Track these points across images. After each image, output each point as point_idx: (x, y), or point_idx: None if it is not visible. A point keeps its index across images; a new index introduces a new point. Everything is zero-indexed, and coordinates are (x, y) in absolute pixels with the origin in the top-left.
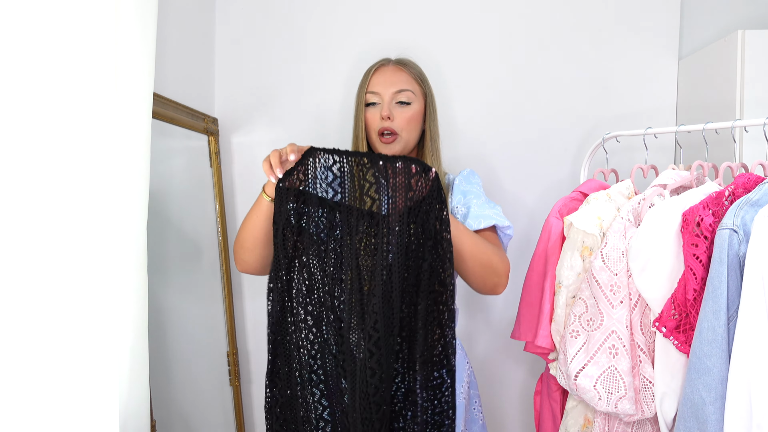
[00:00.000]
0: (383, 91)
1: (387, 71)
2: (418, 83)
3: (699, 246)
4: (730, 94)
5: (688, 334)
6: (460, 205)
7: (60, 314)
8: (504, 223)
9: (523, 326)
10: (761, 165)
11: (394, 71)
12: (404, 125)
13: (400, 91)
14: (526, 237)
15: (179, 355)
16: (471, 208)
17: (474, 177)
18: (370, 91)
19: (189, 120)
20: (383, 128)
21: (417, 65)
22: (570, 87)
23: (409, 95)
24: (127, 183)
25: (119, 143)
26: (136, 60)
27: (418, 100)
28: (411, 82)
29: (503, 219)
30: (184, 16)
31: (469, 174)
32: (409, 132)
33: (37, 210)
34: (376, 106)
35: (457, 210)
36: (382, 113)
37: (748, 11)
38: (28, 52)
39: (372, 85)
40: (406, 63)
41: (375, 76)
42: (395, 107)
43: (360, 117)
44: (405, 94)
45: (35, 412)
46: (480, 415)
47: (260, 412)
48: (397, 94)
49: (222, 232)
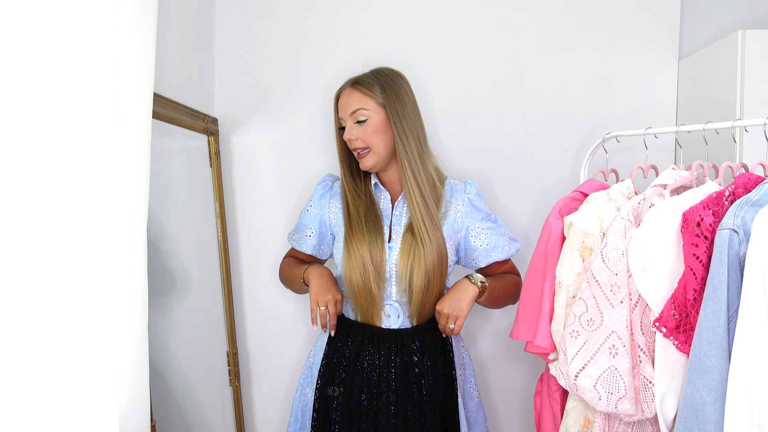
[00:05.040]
0: (344, 114)
1: (344, 95)
2: (371, 97)
3: (699, 246)
4: (730, 94)
5: (688, 334)
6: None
7: (59, 314)
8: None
9: (523, 326)
10: (761, 165)
11: (349, 94)
12: (368, 139)
13: (353, 111)
14: (526, 237)
15: (179, 355)
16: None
17: (481, 197)
18: (338, 116)
19: (189, 120)
20: (353, 148)
21: (377, 78)
22: (570, 87)
23: (362, 113)
24: (127, 183)
25: (119, 143)
26: (136, 60)
27: (376, 113)
28: (363, 99)
29: (513, 244)
30: (184, 16)
31: (476, 194)
32: (376, 144)
33: (37, 210)
34: (345, 128)
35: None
36: (345, 136)
37: (748, 11)
38: (28, 52)
39: (339, 110)
40: (359, 81)
41: (339, 102)
42: (355, 127)
43: (338, 140)
44: (359, 113)
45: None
46: (476, 393)
47: (260, 412)
48: (353, 115)
49: (222, 232)
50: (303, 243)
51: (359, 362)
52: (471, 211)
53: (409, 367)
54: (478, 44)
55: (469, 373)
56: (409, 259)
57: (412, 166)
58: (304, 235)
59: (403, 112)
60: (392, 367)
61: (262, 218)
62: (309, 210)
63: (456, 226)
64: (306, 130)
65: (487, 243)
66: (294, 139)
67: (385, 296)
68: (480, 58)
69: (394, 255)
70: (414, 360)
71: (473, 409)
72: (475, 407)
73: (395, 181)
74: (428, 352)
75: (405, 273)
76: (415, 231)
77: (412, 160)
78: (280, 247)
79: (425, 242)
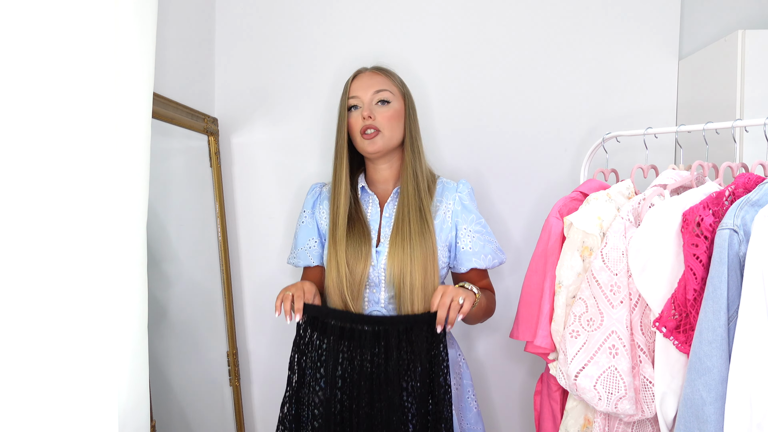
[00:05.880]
0: (363, 93)
1: (365, 77)
2: (396, 85)
3: (699, 246)
4: (730, 94)
5: (688, 334)
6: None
7: (59, 314)
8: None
9: (522, 326)
10: (761, 165)
11: (372, 75)
12: (385, 123)
13: (379, 91)
14: (526, 237)
15: (179, 355)
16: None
17: (472, 199)
18: (351, 96)
19: (189, 120)
20: (365, 126)
21: (394, 71)
22: (570, 87)
23: (387, 94)
24: (127, 183)
25: (119, 143)
26: (136, 60)
27: (398, 100)
28: (388, 83)
29: (499, 255)
30: (184, 16)
31: (468, 195)
32: (391, 130)
33: (37, 210)
34: (358, 109)
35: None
36: (363, 113)
37: (748, 11)
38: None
39: (352, 90)
40: (382, 68)
41: (354, 83)
42: (376, 107)
43: (343, 123)
44: (384, 94)
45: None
46: (474, 404)
47: (260, 412)
48: (376, 94)
49: (222, 232)
50: (308, 255)
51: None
52: (461, 211)
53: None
54: (477, 44)
55: (466, 383)
56: (397, 262)
57: (413, 162)
58: (307, 248)
59: (414, 108)
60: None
61: (262, 218)
62: (304, 223)
63: (446, 226)
64: (306, 130)
65: (470, 247)
66: (294, 139)
67: (371, 303)
68: (479, 58)
69: (382, 259)
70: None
71: (471, 420)
72: (474, 419)
73: (386, 180)
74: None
75: (393, 277)
76: (405, 230)
77: (415, 155)
78: (280, 246)
79: (414, 242)
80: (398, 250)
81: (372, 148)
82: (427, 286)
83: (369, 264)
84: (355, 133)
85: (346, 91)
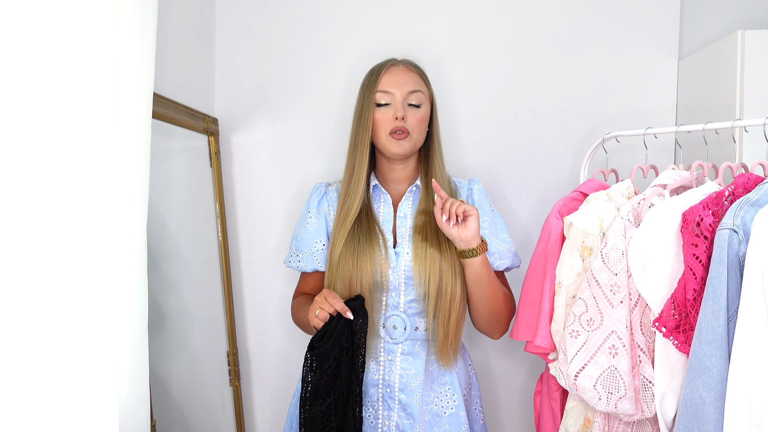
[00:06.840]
0: (396, 91)
1: (398, 71)
2: (427, 86)
3: (699, 246)
4: (730, 94)
5: (687, 334)
6: None
7: (59, 314)
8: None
9: (522, 326)
10: (761, 165)
11: (406, 72)
12: (415, 126)
13: (413, 92)
14: (526, 237)
15: (179, 355)
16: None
17: (485, 197)
18: (381, 90)
19: (189, 120)
20: (397, 127)
21: (423, 68)
22: (570, 87)
23: (420, 97)
24: (126, 183)
25: (119, 143)
26: (136, 60)
27: (426, 103)
28: (421, 83)
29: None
30: (184, 16)
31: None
32: (419, 134)
33: (37, 210)
34: (388, 106)
35: None
36: (397, 114)
37: (748, 11)
38: (28, 52)
39: (383, 84)
40: (416, 65)
41: (386, 76)
42: (407, 108)
43: (368, 117)
44: (416, 96)
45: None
46: (481, 415)
47: (260, 412)
48: (409, 95)
49: (222, 232)
50: (315, 258)
51: None
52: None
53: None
54: (477, 44)
55: (475, 393)
56: (427, 262)
57: (437, 164)
58: (314, 250)
59: (437, 110)
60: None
61: (262, 218)
62: (309, 222)
63: None
64: (306, 130)
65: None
66: (294, 139)
67: (389, 307)
68: (479, 58)
69: (402, 261)
70: None
71: None
72: (479, 430)
73: (401, 180)
74: None
75: (422, 279)
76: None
77: (438, 157)
78: (279, 246)
79: (442, 244)
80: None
81: (400, 150)
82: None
83: (386, 265)
84: (381, 131)
85: (373, 83)
